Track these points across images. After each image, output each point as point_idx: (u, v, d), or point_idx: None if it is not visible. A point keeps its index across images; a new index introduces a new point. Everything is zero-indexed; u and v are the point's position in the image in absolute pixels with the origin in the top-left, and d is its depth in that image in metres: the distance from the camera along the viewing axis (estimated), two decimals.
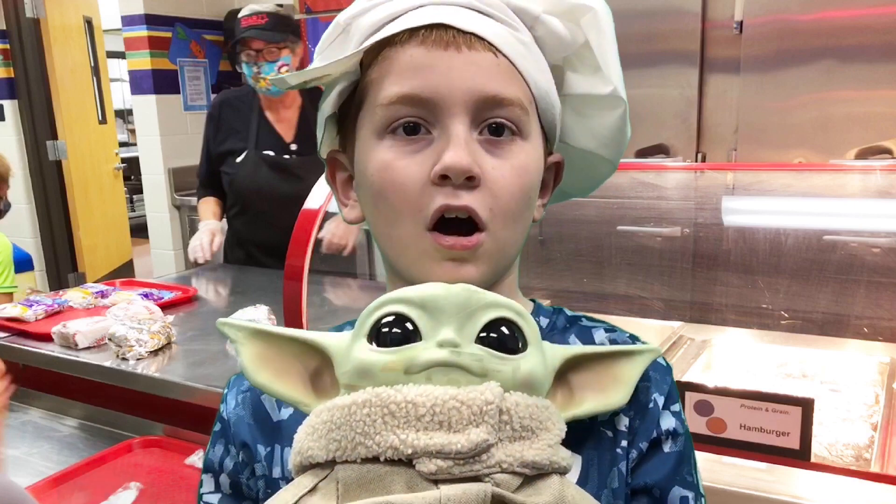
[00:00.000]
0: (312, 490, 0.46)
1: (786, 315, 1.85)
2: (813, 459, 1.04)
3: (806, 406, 1.01)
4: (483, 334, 0.48)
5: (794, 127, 2.51)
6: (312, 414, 0.49)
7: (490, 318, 0.48)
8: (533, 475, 0.46)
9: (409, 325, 0.48)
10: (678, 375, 1.48)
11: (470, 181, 0.55)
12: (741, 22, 2.54)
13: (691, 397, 1.07)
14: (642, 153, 2.72)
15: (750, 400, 1.04)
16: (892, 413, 1.30)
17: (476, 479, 0.44)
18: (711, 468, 1.05)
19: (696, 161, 2.69)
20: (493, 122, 0.57)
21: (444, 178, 0.55)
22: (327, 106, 0.63)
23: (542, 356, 0.50)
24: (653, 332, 1.74)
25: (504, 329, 0.48)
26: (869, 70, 2.37)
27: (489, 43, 0.57)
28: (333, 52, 0.62)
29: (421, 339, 0.47)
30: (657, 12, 2.68)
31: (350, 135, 0.62)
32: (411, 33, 0.57)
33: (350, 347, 0.49)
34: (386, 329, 0.48)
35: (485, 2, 0.59)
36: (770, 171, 1.98)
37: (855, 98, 2.42)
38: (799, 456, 1.02)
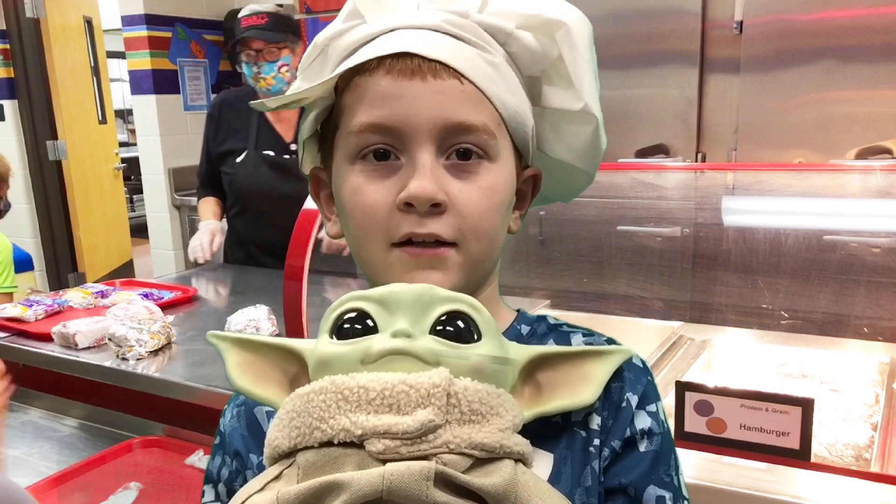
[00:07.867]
0: (277, 477, 0.48)
1: (786, 315, 1.85)
2: (813, 459, 1.03)
3: (806, 406, 1.01)
4: (439, 328, 0.50)
5: (794, 127, 2.51)
6: (280, 407, 0.51)
7: (444, 310, 0.50)
8: (484, 458, 0.47)
9: (369, 322, 0.50)
10: (678, 375, 1.48)
11: (435, 207, 0.56)
12: (741, 22, 2.54)
13: (691, 397, 1.06)
14: (642, 153, 2.72)
15: (750, 400, 1.03)
16: (892, 413, 1.30)
17: (424, 459, 0.45)
18: (711, 468, 1.04)
19: (696, 161, 2.69)
20: (460, 148, 0.58)
21: (409, 206, 0.56)
22: (305, 128, 0.66)
23: (498, 348, 0.51)
24: (653, 332, 1.74)
25: (459, 322, 0.50)
26: (869, 70, 2.37)
27: (455, 70, 0.57)
28: (313, 72, 0.64)
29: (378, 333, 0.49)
30: (657, 12, 2.68)
31: (329, 154, 0.64)
32: (379, 61, 0.58)
33: (315, 345, 0.52)
34: (347, 325, 0.51)
35: (455, 24, 0.59)
36: (770, 171, 1.98)
37: (855, 98, 2.42)
38: (799, 456, 1.02)
